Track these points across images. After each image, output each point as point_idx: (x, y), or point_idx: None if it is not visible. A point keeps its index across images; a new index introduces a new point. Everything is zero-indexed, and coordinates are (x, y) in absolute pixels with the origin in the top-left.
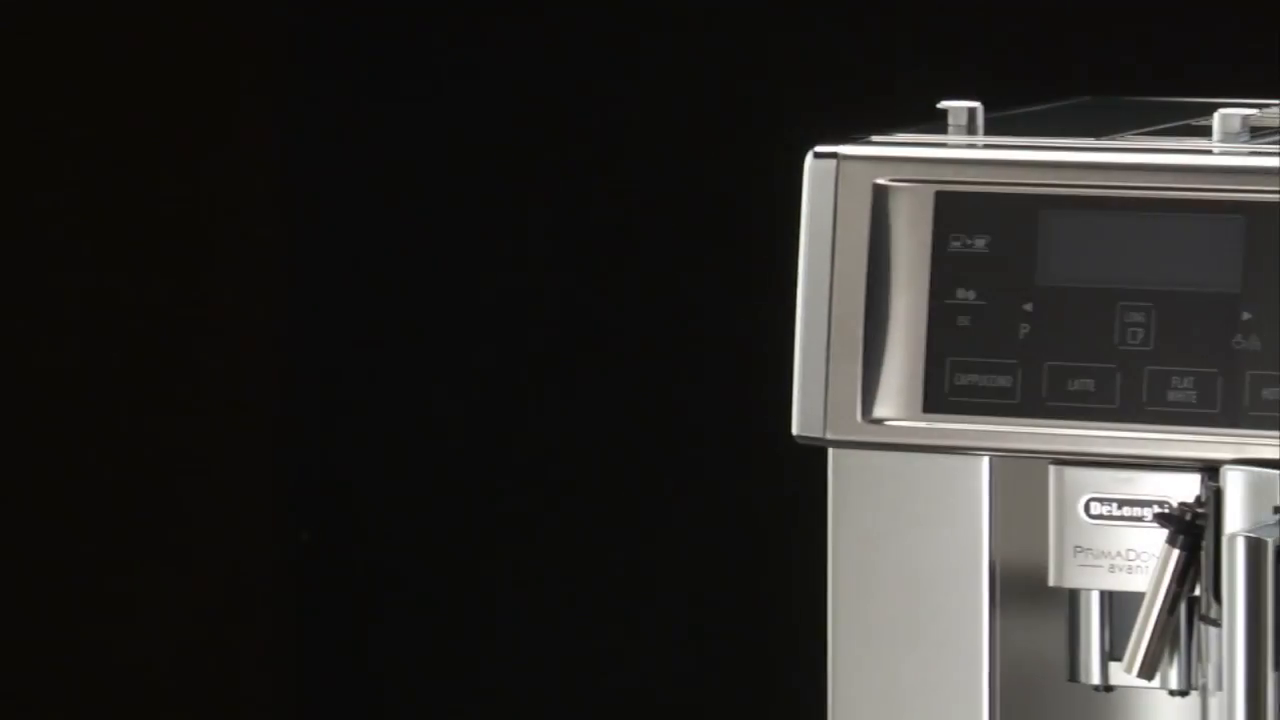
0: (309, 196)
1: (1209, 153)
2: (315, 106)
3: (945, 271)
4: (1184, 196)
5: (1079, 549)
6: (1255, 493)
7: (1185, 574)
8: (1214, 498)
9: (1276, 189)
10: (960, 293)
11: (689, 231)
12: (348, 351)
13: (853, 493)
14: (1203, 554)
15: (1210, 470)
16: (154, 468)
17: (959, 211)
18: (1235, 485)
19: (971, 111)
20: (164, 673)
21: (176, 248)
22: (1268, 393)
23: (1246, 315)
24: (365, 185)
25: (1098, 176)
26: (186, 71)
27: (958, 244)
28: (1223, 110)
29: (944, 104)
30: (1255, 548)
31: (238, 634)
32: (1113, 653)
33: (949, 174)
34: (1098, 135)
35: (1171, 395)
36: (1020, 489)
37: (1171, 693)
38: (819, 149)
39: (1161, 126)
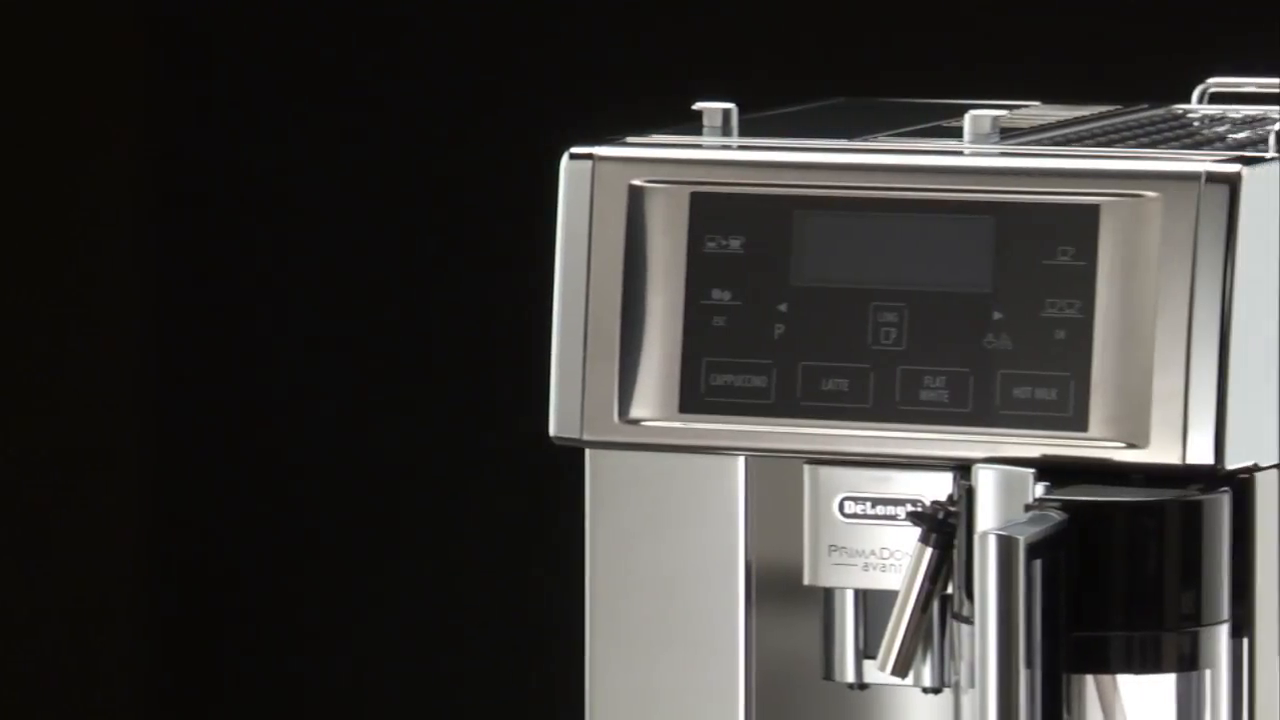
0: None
1: (960, 153)
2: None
3: (700, 272)
4: (936, 197)
5: (833, 548)
6: (1006, 491)
7: (938, 572)
8: (966, 496)
9: (1027, 189)
10: (715, 293)
11: (446, 233)
12: (209, 358)
13: (610, 493)
14: (955, 552)
15: (962, 469)
16: (13, 473)
17: (714, 212)
18: (987, 483)
19: (726, 112)
20: (22, 678)
21: (38, 252)
22: (1018, 392)
23: (997, 315)
24: (211, 187)
25: (851, 177)
26: (46, 78)
27: (713, 244)
28: (973, 112)
29: (699, 105)
30: (1006, 545)
31: (97, 640)
32: (867, 651)
33: (704, 175)
34: (851, 136)
35: (924, 395)
36: (775, 488)
37: (925, 690)
38: (574, 150)
39: (914, 128)
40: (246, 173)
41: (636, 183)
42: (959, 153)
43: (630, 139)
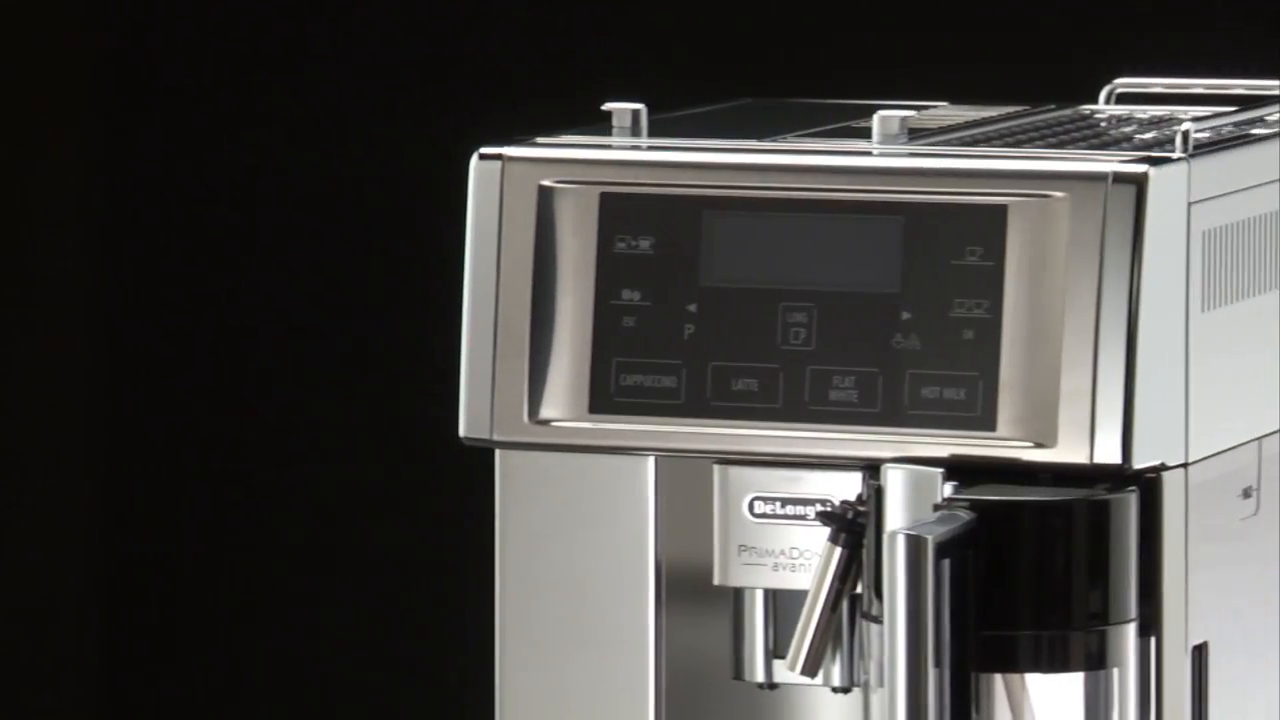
0: (119, 201)
1: (868, 154)
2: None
3: (610, 272)
4: (844, 197)
5: (743, 548)
6: (915, 490)
7: (847, 571)
8: (875, 496)
9: (935, 190)
10: (625, 293)
11: (357, 234)
12: (147, 358)
13: (520, 493)
14: (864, 551)
15: (871, 468)
16: None
17: (623, 213)
18: (896, 483)
19: (636, 113)
20: None
21: None
22: (927, 391)
23: (906, 315)
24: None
25: (760, 178)
26: None
27: (623, 245)
28: (882, 113)
29: (608, 105)
30: (915, 545)
31: (45, 641)
32: (777, 650)
33: (613, 175)
34: (760, 137)
35: (833, 395)
36: (685, 488)
37: (834, 690)
38: (484, 150)
39: (822, 128)
40: (179, 176)
41: (546, 183)
42: (867, 153)
43: (540, 139)
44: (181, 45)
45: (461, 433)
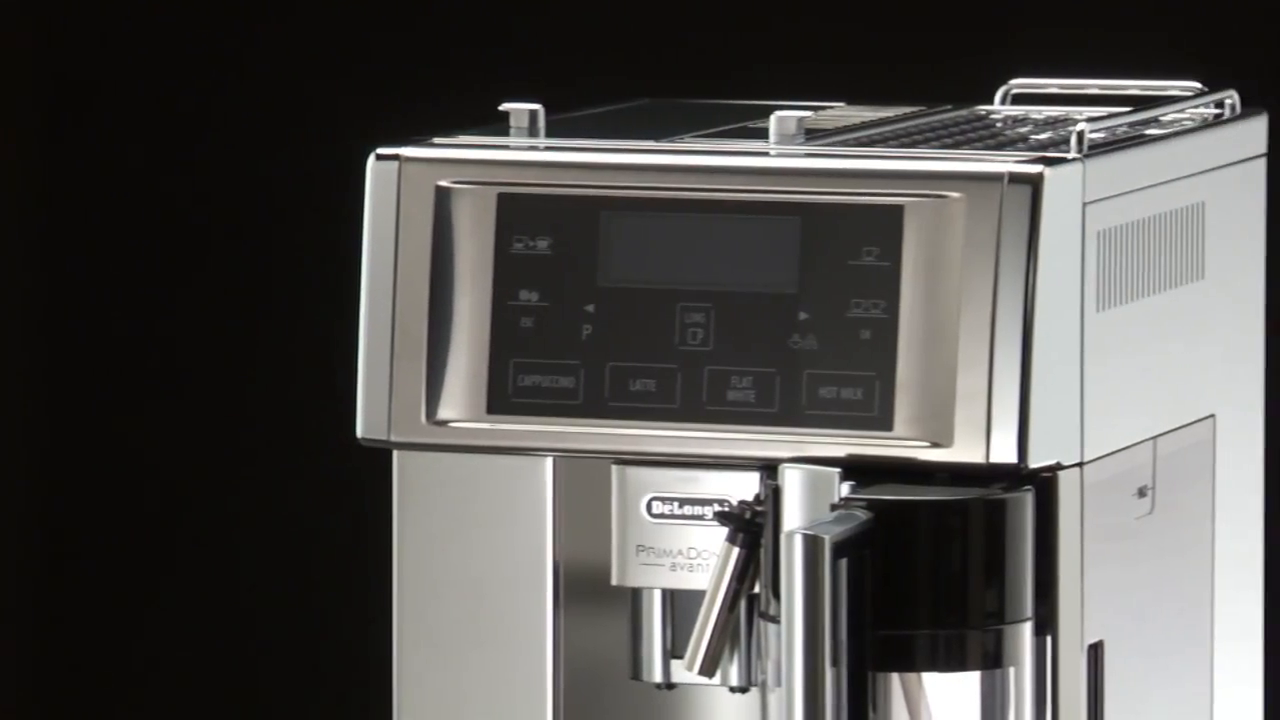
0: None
1: (765, 154)
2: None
3: (508, 273)
4: (742, 198)
5: (641, 548)
6: (813, 490)
7: (745, 571)
8: (772, 496)
9: (832, 190)
10: (523, 294)
11: (255, 234)
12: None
13: (418, 494)
14: (762, 551)
15: (769, 468)
16: None
17: (520, 213)
18: (793, 483)
19: (533, 113)
20: None
21: None
22: (824, 391)
23: (803, 315)
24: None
25: (657, 178)
26: None
27: (520, 245)
28: (779, 113)
29: (506, 106)
30: (812, 544)
31: None
32: (674, 651)
33: (510, 176)
34: (657, 137)
35: (731, 395)
36: (583, 489)
37: (732, 689)
38: (381, 150)
39: (719, 129)
40: (80, 176)
41: (443, 183)
42: (764, 154)
43: (437, 139)
44: (89, 49)
45: (359, 433)
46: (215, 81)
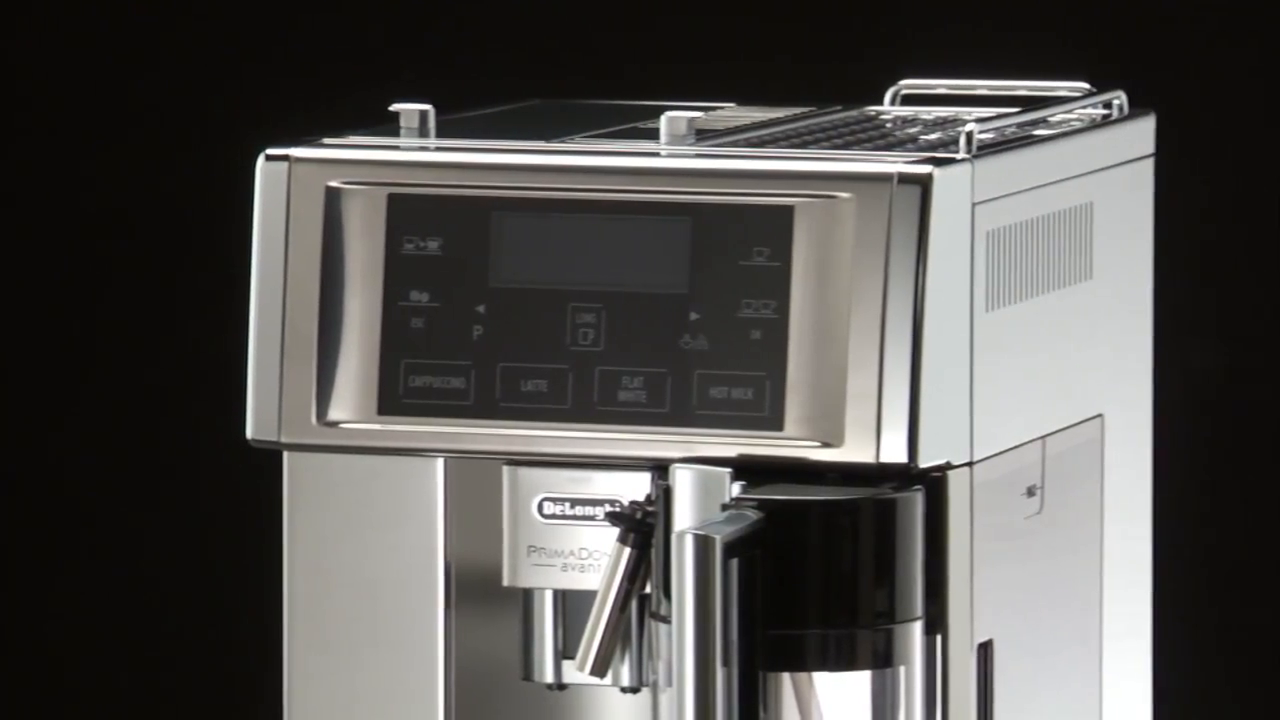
0: None
1: (656, 155)
2: None
3: (398, 274)
4: (632, 198)
5: (533, 549)
6: (704, 490)
7: (636, 572)
8: (664, 496)
9: (722, 191)
10: (414, 295)
11: (145, 234)
12: None
13: (308, 495)
14: (653, 551)
15: (660, 469)
16: None
17: (411, 214)
18: (684, 483)
19: (423, 114)
20: None
21: None
22: (715, 392)
23: (694, 315)
24: None
25: (548, 179)
26: None
27: (410, 246)
28: (669, 113)
29: (396, 106)
30: (703, 544)
31: None
32: (566, 651)
33: (401, 176)
34: (548, 138)
35: (622, 395)
36: (475, 490)
37: (623, 690)
38: (271, 151)
39: (610, 129)
40: None
41: (333, 184)
42: (655, 154)
43: (327, 140)
44: None
45: (249, 434)
46: (105, 83)
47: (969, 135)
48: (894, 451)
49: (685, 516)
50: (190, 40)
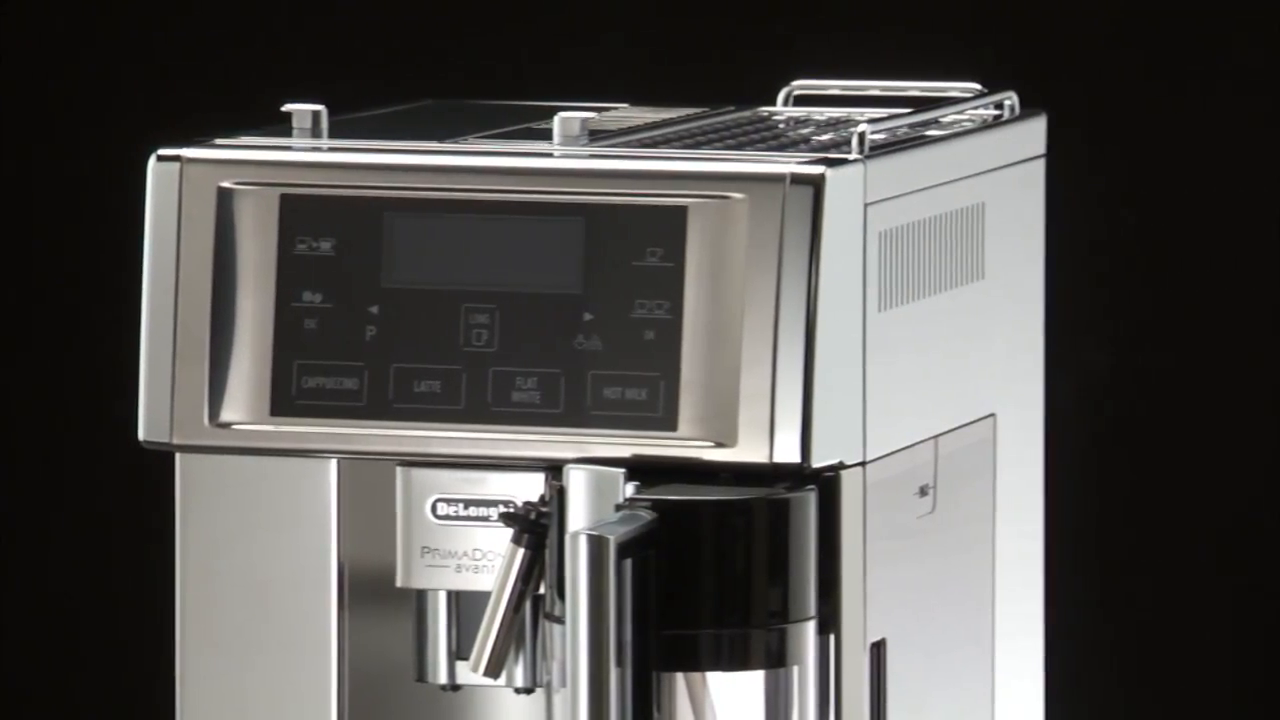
0: None
1: (549, 155)
2: None
3: (291, 274)
4: (525, 199)
5: (426, 549)
6: (598, 491)
7: (530, 572)
8: (557, 496)
9: (615, 191)
10: (306, 295)
11: (36, 235)
12: None
13: (201, 496)
14: (547, 552)
15: (554, 469)
16: None
17: (304, 214)
18: (578, 484)
19: (316, 114)
20: None
21: None
22: (609, 392)
23: (588, 316)
24: None
25: (441, 179)
26: None
27: (303, 247)
28: (562, 114)
29: (288, 106)
30: (597, 545)
31: None
32: (460, 652)
33: (293, 177)
34: (441, 138)
35: (516, 396)
36: (368, 490)
37: (517, 691)
38: (162, 151)
39: (503, 129)
40: None
41: (225, 184)
42: (548, 155)
43: (219, 140)
44: None
45: (141, 436)
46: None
47: (861, 136)
48: (787, 451)
49: (579, 517)
50: (82, 40)
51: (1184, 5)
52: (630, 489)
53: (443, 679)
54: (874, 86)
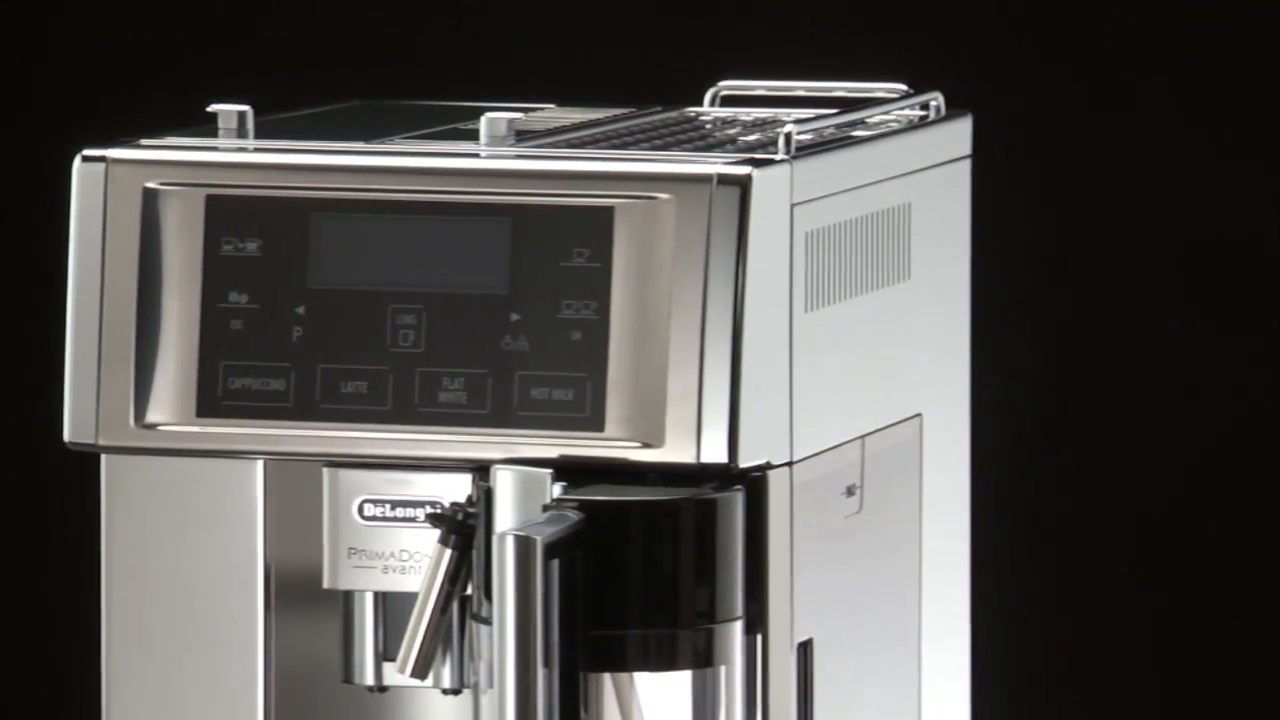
0: None
1: (476, 156)
2: None
3: (217, 275)
4: (452, 199)
5: (353, 550)
6: (525, 492)
7: (458, 573)
8: (485, 497)
9: (542, 192)
10: (233, 296)
11: None
12: None
13: (127, 498)
14: (475, 553)
15: (481, 470)
16: None
17: (230, 215)
18: (505, 484)
19: (242, 115)
20: None
21: None
22: (536, 393)
23: (515, 317)
24: None
25: (367, 180)
26: None
27: (230, 247)
28: (489, 114)
29: (214, 107)
30: (524, 545)
31: None
32: (387, 653)
33: (219, 178)
34: (367, 139)
35: (443, 396)
36: (295, 492)
37: (444, 691)
38: (87, 152)
39: (430, 130)
40: None
41: (151, 185)
42: (475, 155)
43: (144, 141)
44: None
45: (66, 437)
46: None
47: (788, 136)
48: (714, 452)
49: (506, 518)
50: (4, 40)
51: (1107, 6)
52: (557, 489)
53: (369, 680)
54: (800, 87)
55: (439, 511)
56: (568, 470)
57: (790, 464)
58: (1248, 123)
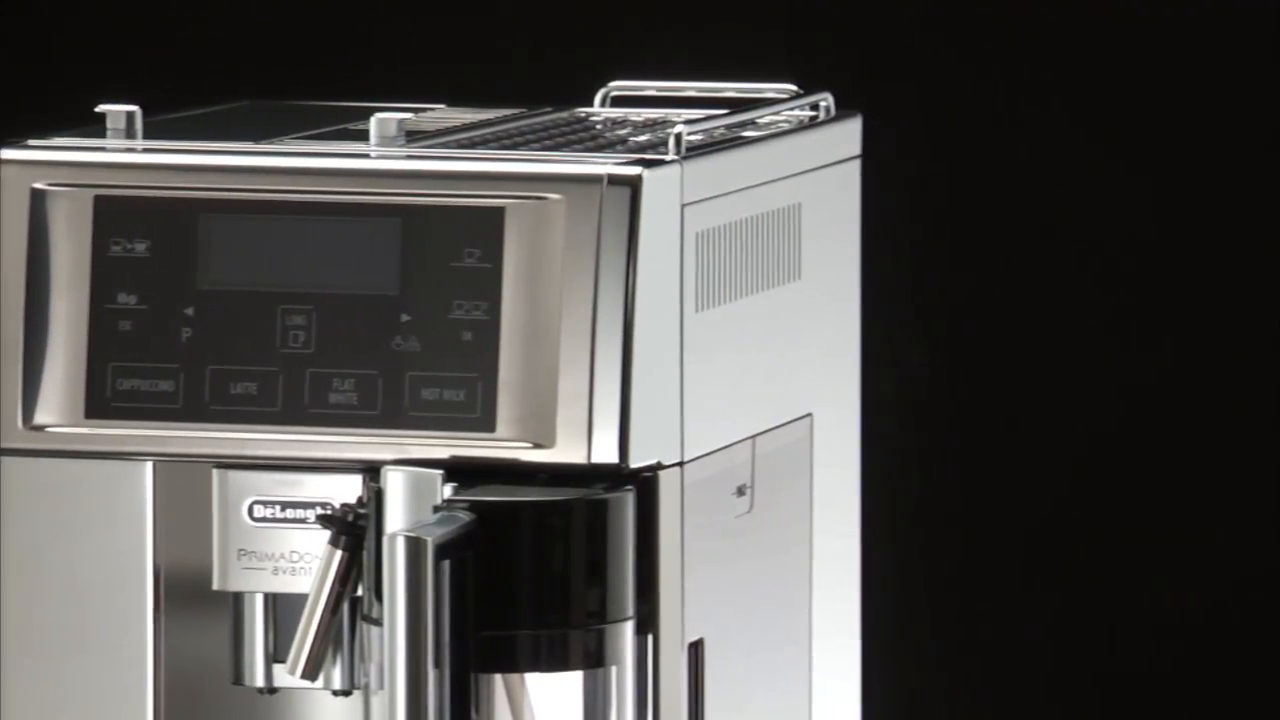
0: None
1: (366, 156)
2: None
3: (105, 276)
4: (342, 200)
5: (243, 552)
6: (416, 492)
7: (348, 574)
8: (375, 498)
9: (432, 192)
10: (121, 297)
11: None
12: None
13: (17, 500)
14: (365, 554)
15: (372, 471)
16: None
17: (118, 215)
18: (395, 485)
19: (130, 115)
20: None
21: None
22: (427, 393)
23: (405, 317)
24: None
25: (257, 180)
26: None
27: (118, 248)
28: (379, 115)
29: (102, 107)
30: (414, 546)
31: None
32: (277, 655)
33: (107, 178)
34: (257, 139)
35: (333, 397)
36: (185, 493)
37: (335, 693)
38: None
39: (320, 130)
40: None
41: (39, 186)
42: (365, 155)
43: (32, 141)
44: None
45: None
46: None
47: (678, 137)
48: (605, 452)
49: (397, 519)
50: None
51: (998, 7)
52: (448, 490)
53: (260, 681)
54: (691, 87)
55: (329, 513)
56: (459, 471)
57: (681, 464)
58: (1134, 125)
